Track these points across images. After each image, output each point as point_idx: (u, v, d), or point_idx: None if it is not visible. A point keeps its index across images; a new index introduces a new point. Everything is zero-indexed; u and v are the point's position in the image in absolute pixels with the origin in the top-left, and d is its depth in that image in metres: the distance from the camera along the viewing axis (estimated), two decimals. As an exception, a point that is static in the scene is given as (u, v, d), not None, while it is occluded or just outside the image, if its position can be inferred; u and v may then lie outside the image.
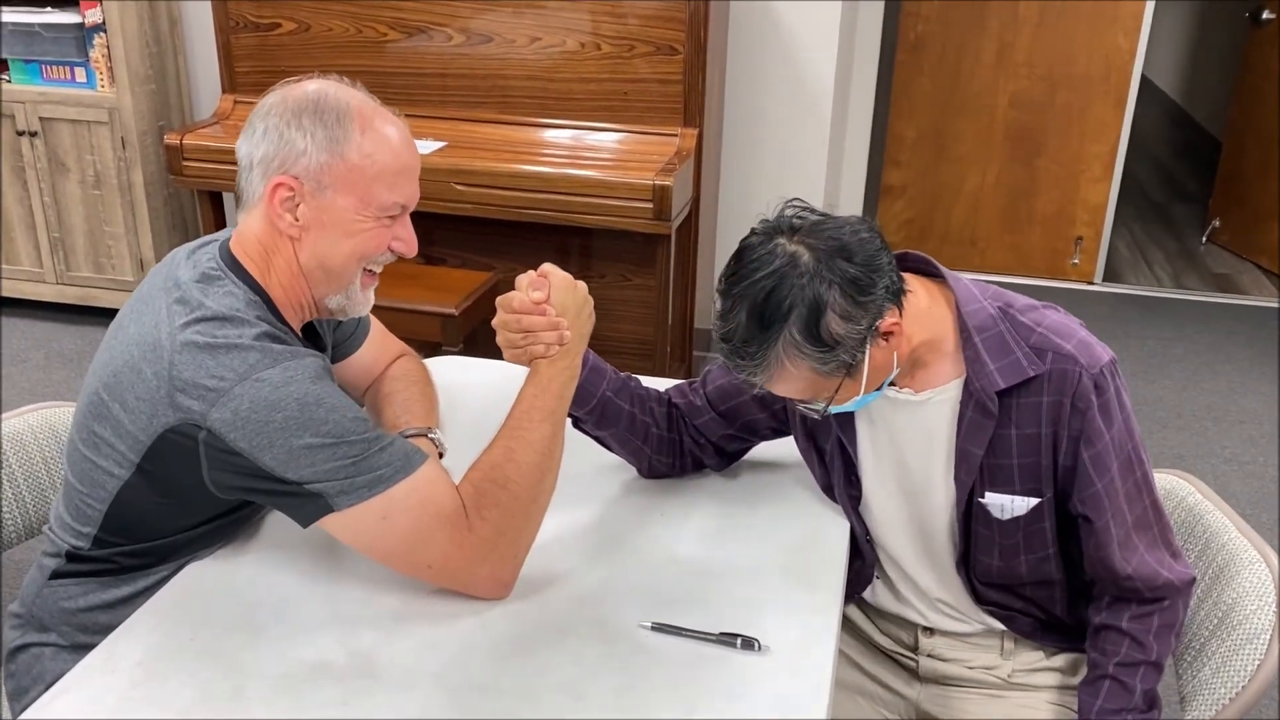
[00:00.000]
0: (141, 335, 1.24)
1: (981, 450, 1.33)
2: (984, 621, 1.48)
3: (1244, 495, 2.97)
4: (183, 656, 1.19)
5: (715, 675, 1.18)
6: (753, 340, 1.21)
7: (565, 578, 1.33)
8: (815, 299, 1.19)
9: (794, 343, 1.20)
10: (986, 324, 1.31)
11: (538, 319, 1.30)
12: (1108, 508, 1.32)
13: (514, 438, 1.28)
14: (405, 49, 3.18)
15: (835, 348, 1.21)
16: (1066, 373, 1.29)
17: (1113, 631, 1.37)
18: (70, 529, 1.34)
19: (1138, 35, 4.10)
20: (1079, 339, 1.32)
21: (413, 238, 1.36)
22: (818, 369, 1.22)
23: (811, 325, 1.19)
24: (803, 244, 1.21)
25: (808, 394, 1.27)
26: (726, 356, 1.25)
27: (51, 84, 3.53)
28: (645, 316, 3.28)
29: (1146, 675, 1.35)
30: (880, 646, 1.57)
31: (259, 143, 1.28)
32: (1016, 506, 1.36)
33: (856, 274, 1.20)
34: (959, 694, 1.51)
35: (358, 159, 1.27)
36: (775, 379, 1.24)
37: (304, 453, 1.18)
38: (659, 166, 2.92)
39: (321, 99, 1.28)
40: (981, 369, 1.30)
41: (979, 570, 1.42)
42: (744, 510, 1.49)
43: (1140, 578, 1.34)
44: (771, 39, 3.36)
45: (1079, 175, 4.33)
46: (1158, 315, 4.19)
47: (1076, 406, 1.29)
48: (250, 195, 1.30)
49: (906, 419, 1.38)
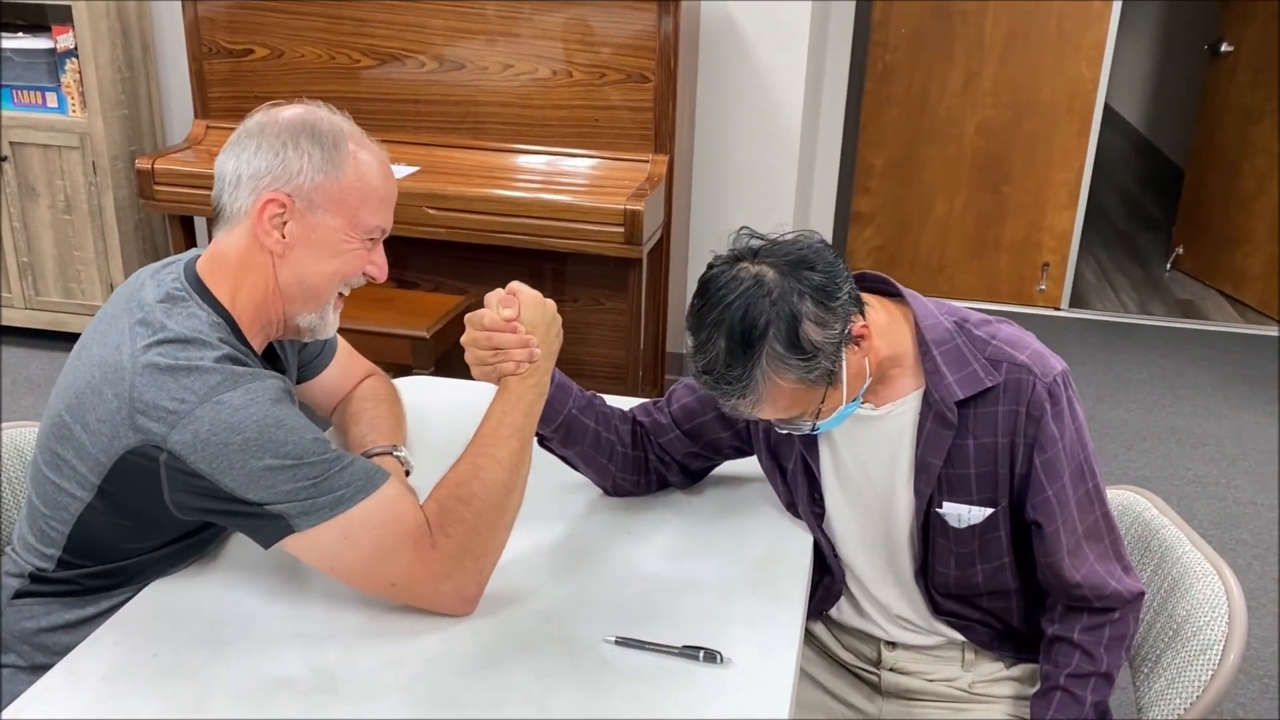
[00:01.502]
0: (104, 357, 1.24)
1: (940, 460, 1.36)
2: (943, 633, 1.50)
3: (1206, 515, 3.02)
4: (146, 672, 1.18)
5: (678, 688, 1.19)
6: (736, 363, 1.22)
7: (530, 594, 1.34)
8: (790, 312, 1.22)
9: (778, 356, 1.22)
10: (944, 338, 1.35)
11: (508, 336, 1.31)
12: (1058, 514, 1.35)
13: (481, 454, 1.29)
14: (378, 75, 3.21)
15: (817, 355, 1.23)
16: (1021, 382, 1.32)
17: (1064, 643, 1.39)
18: (34, 550, 1.34)
19: (1100, 65, 4.20)
20: (1032, 350, 1.35)
21: (385, 263, 1.39)
22: (804, 379, 1.24)
23: (791, 336, 1.21)
24: (764, 264, 1.24)
25: (795, 410, 1.28)
26: (712, 387, 1.26)
27: (22, 109, 3.53)
28: (617, 340, 3.31)
29: (1097, 687, 1.37)
30: (844, 662, 1.59)
31: (252, 159, 1.30)
32: (973, 516, 1.38)
33: (822, 281, 1.24)
34: (921, 708, 1.52)
35: (350, 182, 1.30)
36: (764, 398, 1.25)
37: (264, 474, 1.19)
38: (630, 192, 2.95)
39: (318, 122, 1.31)
40: (940, 380, 1.33)
41: (937, 581, 1.44)
42: (708, 526, 1.51)
43: (1089, 586, 1.36)
44: (741, 67, 3.41)
45: (1045, 202, 4.41)
46: (1123, 340, 4.26)
47: (1031, 414, 1.32)
48: (234, 209, 1.31)
49: (867, 433, 1.40)
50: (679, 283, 3.48)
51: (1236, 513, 3.04)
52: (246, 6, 3.20)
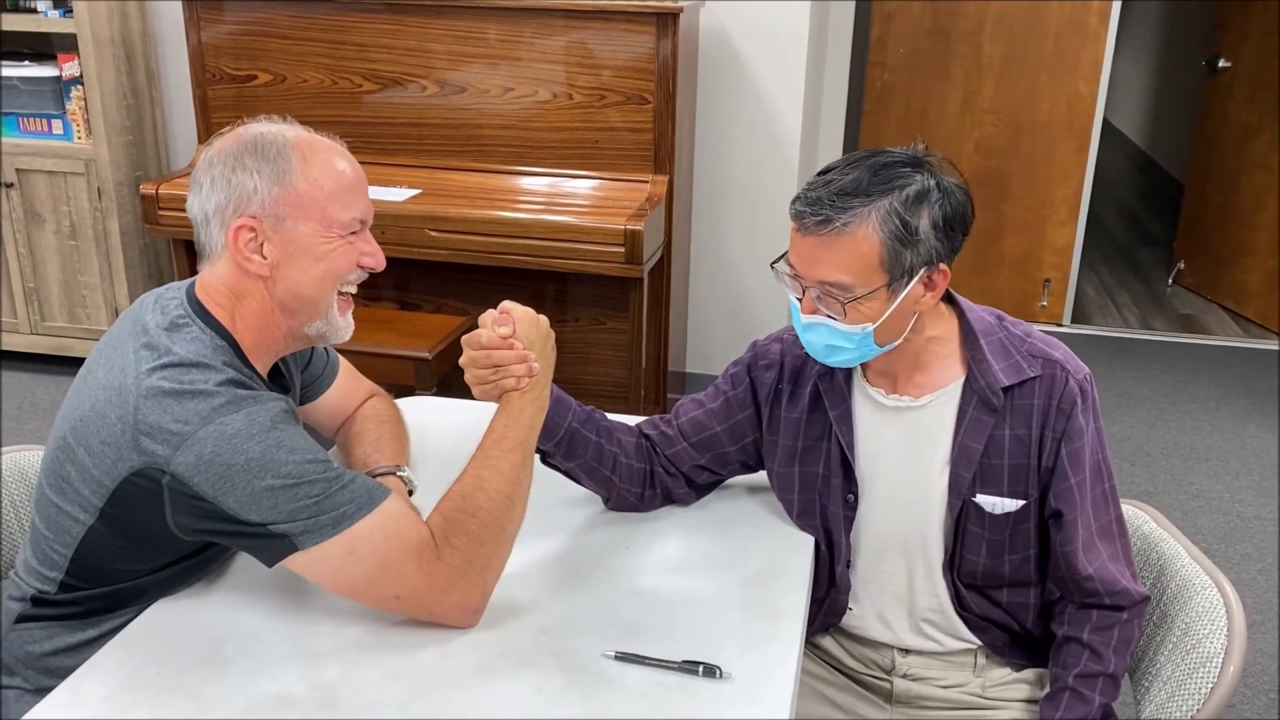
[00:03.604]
0: (108, 380, 1.25)
1: (980, 446, 1.41)
2: (960, 635, 1.52)
3: (1211, 530, 3.01)
4: (148, 691, 1.19)
5: (677, 703, 1.19)
6: (857, 193, 1.29)
7: (529, 609, 1.34)
8: (924, 190, 1.31)
9: (889, 209, 1.28)
10: (989, 329, 1.43)
11: (506, 353, 1.34)
12: (1078, 504, 1.40)
13: (484, 467, 1.30)
14: (380, 100, 3.23)
15: (910, 240, 1.30)
16: (1055, 377, 1.40)
17: (1074, 644, 1.42)
18: (36, 573, 1.35)
19: (1098, 82, 4.22)
20: (1064, 350, 1.44)
21: (378, 250, 1.38)
22: (884, 250, 1.29)
23: (912, 207, 1.29)
24: (930, 172, 1.33)
25: (849, 273, 1.30)
26: (811, 204, 1.30)
27: (28, 136, 3.57)
28: (619, 359, 3.31)
29: (1105, 688, 1.39)
30: (853, 673, 1.59)
31: (209, 195, 1.30)
32: (1006, 506, 1.43)
33: (958, 209, 1.33)
34: (930, 716, 1.53)
35: (306, 185, 1.30)
36: (848, 233, 1.29)
37: (266, 494, 1.20)
38: (631, 212, 2.97)
39: (258, 138, 1.31)
40: (987, 367, 1.40)
41: (964, 570, 1.47)
42: (708, 541, 1.51)
43: (1100, 580, 1.40)
44: (740, 88, 3.44)
45: (1045, 219, 4.42)
46: (1125, 356, 4.26)
47: (1061, 408, 1.39)
48: (213, 246, 1.32)
49: (907, 424, 1.45)
50: (680, 302, 3.49)
51: (1240, 527, 3.03)
52: (250, 33, 3.24)
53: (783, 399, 1.52)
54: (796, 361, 1.52)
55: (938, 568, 1.49)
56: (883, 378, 1.46)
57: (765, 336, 1.58)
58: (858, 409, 1.47)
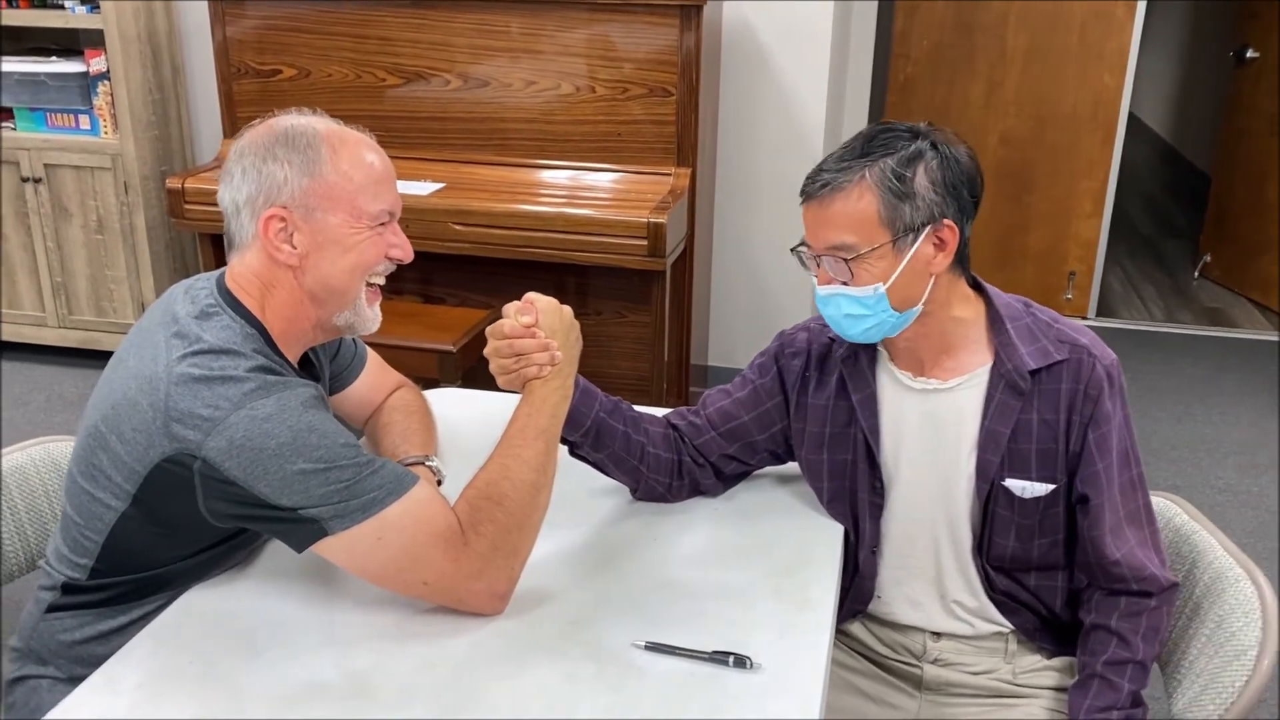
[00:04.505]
0: (139, 369, 1.26)
1: (1008, 430, 1.41)
2: (992, 618, 1.52)
3: (1239, 524, 2.98)
4: (181, 679, 1.20)
5: (707, 694, 1.19)
6: (851, 157, 1.34)
7: (558, 598, 1.35)
8: (919, 151, 1.34)
9: (882, 170, 1.32)
10: (1016, 314, 1.45)
11: (529, 341, 1.35)
12: (1105, 489, 1.40)
13: (509, 455, 1.31)
14: (404, 94, 3.24)
15: (908, 197, 1.32)
16: (1082, 362, 1.41)
17: (1102, 631, 1.42)
18: (67, 561, 1.36)
19: (1124, 73, 4.18)
20: (1091, 335, 1.45)
21: (406, 242, 1.39)
22: (882, 205, 1.32)
23: (905, 165, 1.32)
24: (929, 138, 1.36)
25: (851, 234, 1.33)
26: (813, 177, 1.36)
27: (56, 131, 3.60)
28: (641, 353, 3.31)
29: (1134, 675, 1.39)
30: (882, 660, 1.59)
31: (240, 185, 1.32)
32: (1035, 490, 1.43)
33: (958, 170, 1.35)
34: (960, 706, 1.53)
35: (336, 177, 1.31)
36: (844, 192, 1.33)
37: (297, 479, 1.20)
38: (653, 205, 2.96)
39: (289, 129, 1.32)
40: (1014, 351, 1.41)
41: (994, 554, 1.48)
42: (736, 531, 1.51)
43: (1128, 565, 1.40)
44: (763, 79, 3.42)
45: (1070, 211, 4.39)
46: (1151, 349, 4.23)
47: (1089, 394, 1.40)
48: (243, 236, 1.34)
49: (934, 407, 1.45)
50: (702, 295, 3.49)
51: (1269, 521, 3.00)
52: (274, 28, 3.25)
53: (810, 386, 1.53)
54: (822, 349, 1.53)
55: (967, 551, 1.49)
56: (909, 361, 1.46)
57: (791, 326, 1.59)
58: (884, 392, 1.48)
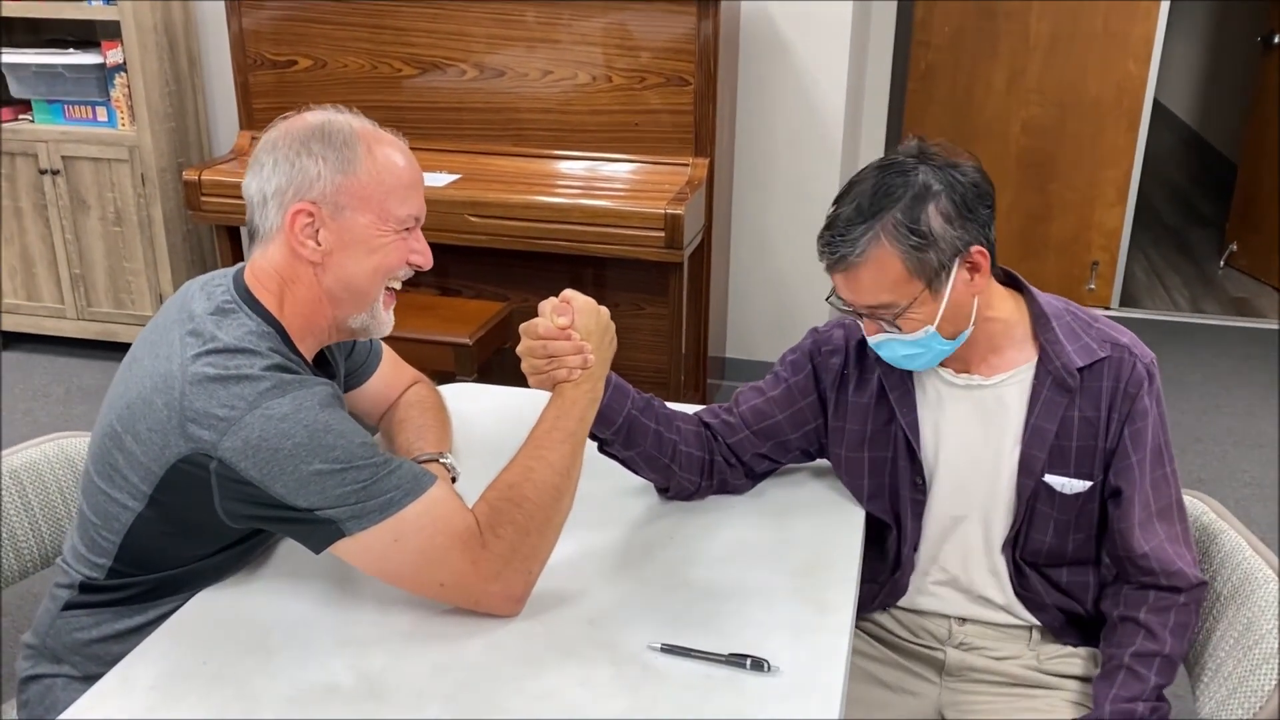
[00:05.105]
0: (155, 367, 1.25)
1: (1054, 427, 1.41)
2: (1017, 614, 1.52)
3: (1264, 518, 2.95)
4: (196, 680, 1.19)
5: (724, 697, 1.17)
6: (859, 220, 1.31)
7: (575, 599, 1.33)
8: (924, 188, 1.30)
9: (895, 224, 1.29)
10: (1059, 313, 1.45)
11: (563, 343, 1.33)
12: (1137, 482, 1.40)
13: (534, 457, 1.30)
14: (420, 84, 3.23)
15: (930, 243, 1.30)
16: (1123, 360, 1.42)
17: (1129, 623, 1.41)
18: (84, 560, 1.35)
19: (1149, 61, 4.12)
20: (1130, 335, 1.46)
21: (427, 249, 1.38)
22: (907, 260, 1.30)
23: (915, 212, 1.29)
24: (928, 164, 1.34)
25: (886, 294, 1.32)
26: (827, 244, 1.34)
27: (73, 123, 3.60)
28: (659, 345, 3.30)
29: (1161, 669, 1.37)
30: (905, 645, 1.58)
31: (270, 176, 1.30)
32: (1075, 486, 1.43)
33: (966, 187, 1.32)
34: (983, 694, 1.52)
35: (369, 177, 1.30)
36: (866, 260, 1.30)
37: (314, 479, 1.19)
38: (671, 196, 2.94)
39: (326, 125, 1.31)
40: (1060, 349, 1.41)
41: (1028, 549, 1.48)
42: (755, 532, 1.49)
43: (1156, 560, 1.39)
44: (782, 69, 3.39)
45: (1093, 200, 4.34)
46: (1176, 339, 4.18)
47: (1128, 391, 1.41)
48: (267, 228, 1.32)
49: (976, 402, 1.45)
50: (720, 286, 3.46)
51: (1296, 516, 2.97)
52: (290, 19, 3.24)
53: (849, 384, 1.52)
54: (860, 345, 1.51)
55: (997, 546, 1.49)
56: (954, 359, 1.45)
57: (825, 324, 1.57)
58: (926, 388, 1.48)
